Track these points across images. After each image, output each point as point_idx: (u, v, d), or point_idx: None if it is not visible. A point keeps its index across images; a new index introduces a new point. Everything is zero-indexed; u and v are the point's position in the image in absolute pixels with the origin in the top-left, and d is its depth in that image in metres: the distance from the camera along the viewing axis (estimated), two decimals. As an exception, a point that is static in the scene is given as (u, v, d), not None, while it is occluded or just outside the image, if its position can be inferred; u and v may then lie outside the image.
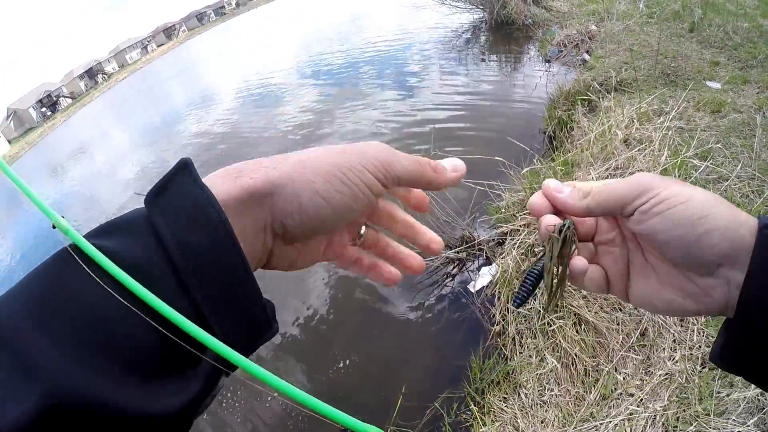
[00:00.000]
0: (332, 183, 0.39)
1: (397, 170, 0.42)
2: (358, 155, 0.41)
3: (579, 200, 0.46)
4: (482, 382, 2.46)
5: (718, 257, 0.40)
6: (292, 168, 0.39)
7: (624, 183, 0.44)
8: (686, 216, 0.40)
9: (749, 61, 4.49)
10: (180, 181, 0.36)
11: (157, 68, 43.33)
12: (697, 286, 0.42)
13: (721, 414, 1.76)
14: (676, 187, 0.42)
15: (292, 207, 0.38)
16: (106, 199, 9.37)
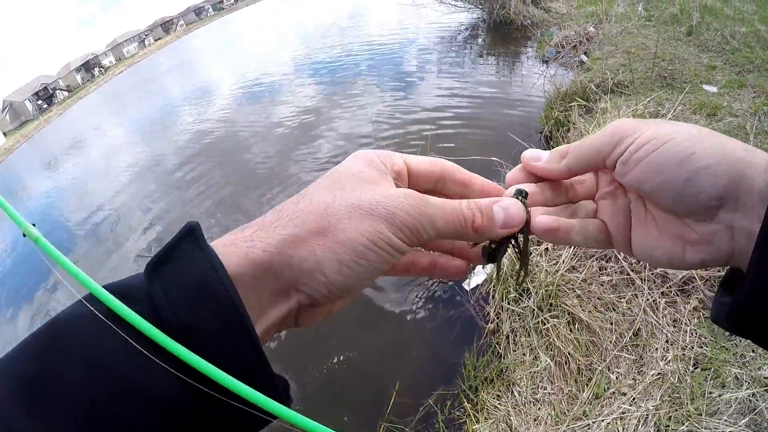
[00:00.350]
0: (359, 252, 0.36)
1: (427, 234, 0.39)
2: (385, 219, 0.37)
3: (558, 162, 0.44)
4: (476, 379, 2.46)
5: (714, 199, 0.35)
6: (311, 237, 0.36)
7: (600, 133, 0.41)
8: (669, 158, 0.36)
9: (746, 65, 4.51)
10: (186, 250, 0.33)
11: (155, 62, 43.09)
12: (696, 233, 0.38)
13: (713, 414, 1.77)
14: (654, 128, 0.38)
15: (316, 281, 0.35)
16: (99, 192, 9.31)
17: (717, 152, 0.35)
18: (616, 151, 0.40)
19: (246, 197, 6.09)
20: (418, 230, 0.38)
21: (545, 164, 0.45)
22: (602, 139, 0.41)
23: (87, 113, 30.68)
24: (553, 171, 0.44)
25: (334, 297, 0.37)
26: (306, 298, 0.36)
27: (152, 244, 5.97)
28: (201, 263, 0.32)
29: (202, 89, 15.78)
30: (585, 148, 0.42)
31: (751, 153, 0.35)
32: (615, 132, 0.40)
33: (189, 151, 8.97)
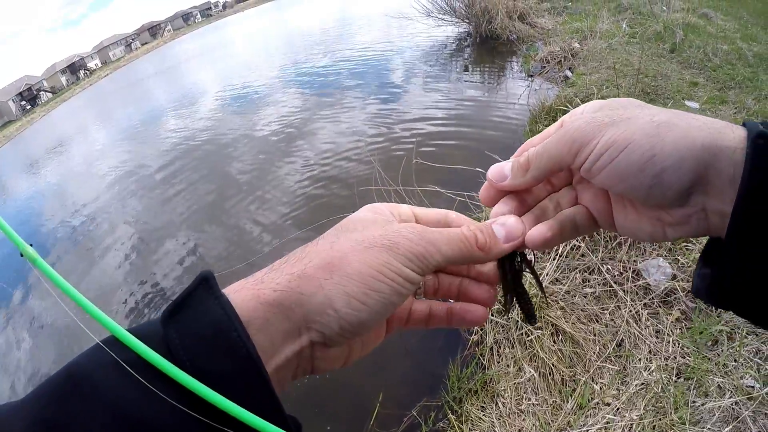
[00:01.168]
0: (367, 284, 0.36)
1: (434, 260, 0.39)
2: (389, 250, 0.38)
3: (523, 177, 0.44)
4: (460, 390, 2.45)
5: (682, 192, 0.36)
6: (318, 273, 0.36)
7: (556, 141, 0.41)
8: (630, 165, 0.37)
9: (727, 82, 4.61)
10: (200, 298, 0.33)
11: (141, 67, 42.83)
12: (671, 216, 0.39)
13: (696, 423, 1.79)
14: (611, 131, 0.37)
15: (328, 317, 0.35)
16: (82, 196, 9.18)
17: (680, 147, 0.35)
18: (577, 160, 0.40)
19: (227, 204, 6.05)
20: (423, 256, 0.39)
21: (512, 182, 0.45)
22: (561, 147, 0.41)
23: (71, 116, 30.32)
24: (521, 185, 0.45)
25: (348, 334, 0.36)
26: (318, 336, 0.36)
27: (134, 248, 5.89)
28: (215, 311, 0.32)
29: (187, 96, 15.67)
30: (546, 158, 0.42)
31: (718, 137, 0.35)
32: (574, 139, 0.40)
33: (171, 157, 8.89)
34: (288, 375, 0.37)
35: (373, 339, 0.44)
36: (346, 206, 4.27)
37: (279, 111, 9.34)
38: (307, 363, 0.38)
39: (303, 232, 4.49)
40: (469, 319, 0.47)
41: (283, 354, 0.35)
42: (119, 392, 0.29)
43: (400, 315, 0.46)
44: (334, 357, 0.40)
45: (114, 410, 0.28)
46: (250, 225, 5.31)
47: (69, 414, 0.28)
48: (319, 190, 5.53)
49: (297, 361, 0.36)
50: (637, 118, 0.37)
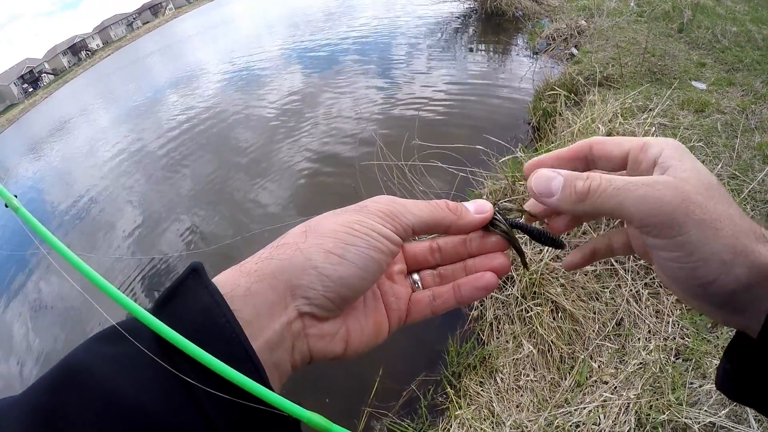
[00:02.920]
0: (342, 239, 0.37)
1: (407, 219, 0.40)
2: (358, 211, 0.40)
3: (574, 206, 0.39)
4: (459, 366, 2.47)
5: (721, 304, 0.36)
6: (294, 240, 0.38)
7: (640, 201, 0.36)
8: (690, 278, 0.36)
9: (735, 64, 4.54)
10: (190, 288, 0.34)
11: (143, 46, 42.54)
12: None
13: (694, 404, 1.79)
14: (694, 234, 0.35)
15: (309, 276, 0.36)
16: (85, 176, 9.21)
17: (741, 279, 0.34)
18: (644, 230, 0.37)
19: (230, 182, 6.05)
20: (394, 214, 0.40)
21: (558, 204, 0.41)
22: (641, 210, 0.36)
23: (73, 97, 30.28)
24: (567, 212, 0.43)
25: (332, 294, 0.36)
26: (304, 303, 0.36)
27: (137, 228, 5.92)
28: (204, 299, 0.33)
29: (189, 74, 15.64)
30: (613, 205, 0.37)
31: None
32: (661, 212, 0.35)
33: (174, 135, 8.89)
34: (285, 358, 0.36)
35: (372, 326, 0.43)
36: (348, 182, 4.26)
37: (281, 88, 9.31)
38: (302, 342, 0.37)
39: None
40: (481, 285, 0.44)
41: (271, 328, 0.34)
42: (114, 383, 0.29)
43: (399, 306, 0.45)
44: (329, 334, 0.38)
45: (109, 399, 0.29)
46: (252, 203, 5.32)
47: (65, 403, 0.28)
48: (322, 167, 5.54)
49: (290, 337, 0.36)
50: (720, 232, 0.35)
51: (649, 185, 0.36)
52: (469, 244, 0.46)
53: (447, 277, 0.46)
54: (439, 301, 0.45)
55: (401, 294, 0.45)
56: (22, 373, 4.30)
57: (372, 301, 0.44)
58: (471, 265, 0.46)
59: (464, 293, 0.45)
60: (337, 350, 0.39)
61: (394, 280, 0.46)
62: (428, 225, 0.42)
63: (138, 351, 0.31)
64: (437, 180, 3.59)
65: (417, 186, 3.30)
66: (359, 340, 0.41)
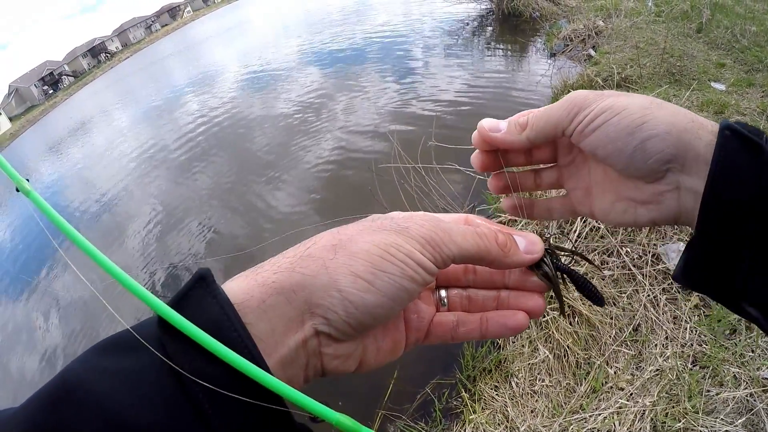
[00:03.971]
0: (375, 263, 0.34)
1: (449, 250, 0.37)
2: (398, 233, 0.36)
3: (518, 134, 0.45)
4: (474, 369, 2.46)
5: (661, 163, 0.39)
6: (321, 254, 0.35)
7: (558, 105, 0.43)
8: (622, 127, 0.39)
9: (755, 64, 4.46)
10: (197, 297, 0.32)
11: (161, 48, 43.02)
12: (645, 193, 0.42)
13: (710, 413, 1.77)
14: (611, 99, 0.41)
15: (332, 298, 0.33)
16: (104, 176, 9.35)
17: (666, 122, 0.38)
18: (574, 122, 0.42)
19: (247, 184, 6.09)
20: (436, 242, 0.36)
21: (506, 136, 0.46)
22: (561, 111, 0.43)
23: (93, 98, 30.72)
24: (514, 143, 0.46)
25: (354, 321, 0.34)
26: (322, 323, 0.34)
27: (155, 229, 5.99)
28: (212, 310, 0.31)
29: (207, 76, 15.74)
30: (545, 120, 0.44)
31: (698, 125, 0.39)
32: (574, 102, 0.42)
33: (192, 139, 8.97)
34: (299, 374, 0.35)
35: (388, 345, 0.41)
36: (365, 184, 4.27)
37: (298, 90, 9.35)
38: (316, 359, 0.35)
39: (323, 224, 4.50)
40: (512, 325, 0.42)
41: (286, 345, 0.33)
42: (114, 400, 0.28)
43: (419, 325, 0.42)
44: (344, 354, 0.37)
45: (109, 417, 0.27)
46: (269, 205, 5.35)
47: (61, 420, 0.27)
48: (339, 170, 5.55)
49: (305, 355, 0.34)
50: (637, 96, 0.41)
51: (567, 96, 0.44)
52: (507, 275, 0.44)
53: (476, 303, 0.44)
54: (462, 329, 0.43)
55: (425, 313, 0.43)
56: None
57: (393, 320, 0.41)
58: (504, 298, 0.43)
59: (492, 329, 0.42)
60: (350, 369, 0.38)
61: (420, 296, 0.42)
62: (472, 258, 0.38)
63: (139, 365, 0.29)
64: (455, 183, 3.58)
65: (434, 189, 3.30)
66: (374, 360, 0.40)
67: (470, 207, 3.48)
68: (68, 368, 0.30)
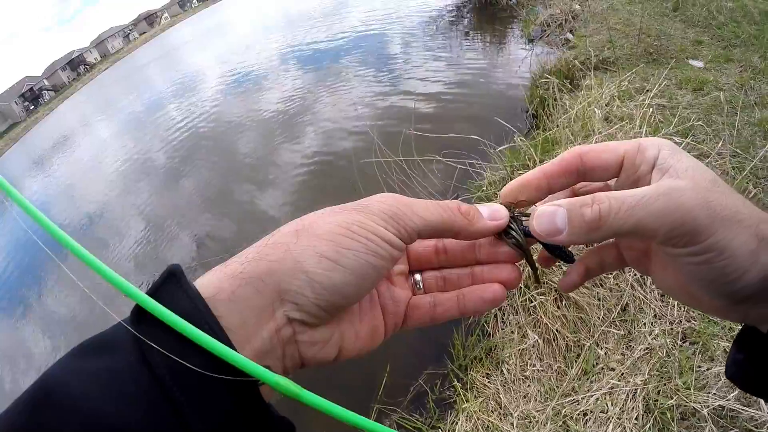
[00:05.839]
0: (338, 242, 0.34)
1: (413, 222, 0.36)
2: (359, 211, 0.36)
3: (588, 236, 0.35)
4: (465, 358, 2.47)
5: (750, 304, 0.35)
6: (285, 239, 0.34)
7: (658, 212, 0.33)
8: (720, 276, 0.34)
9: (732, 40, 4.49)
10: (167, 292, 0.31)
11: (140, 57, 42.72)
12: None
13: (702, 388, 1.77)
14: (722, 233, 0.33)
15: (298, 281, 0.33)
16: (89, 189, 9.29)
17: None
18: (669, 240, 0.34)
19: (232, 188, 6.07)
20: (399, 216, 0.36)
21: (569, 239, 0.36)
22: (659, 222, 0.33)
23: (74, 112, 30.53)
24: (581, 243, 0.38)
25: (323, 301, 0.34)
26: (293, 309, 0.33)
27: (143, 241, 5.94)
28: (183, 303, 0.31)
29: (187, 81, 15.71)
30: (632, 225, 0.34)
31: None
32: (684, 221, 0.33)
33: (176, 145, 8.92)
34: (276, 365, 0.34)
35: (366, 330, 0.40)
36: (347, 180, 4.26)
37: (279, 90, 9.34)
38: (292, 348, 0.35)
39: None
40: (488, 297, 0.41)
41: (259, 336, 0.32)
42: (92, 398, 0.28)
43: (396, 310, 0.42)
44: (321, 340, 0.36)
45: (86, 416, 0.27)
46: (254, 207, 5.34)
47: (41, 423, 0.27)
48: (321, 166, 5.56)
49: (280, 345, 0.34)
50: (743, 223, 0.34)
51: (665, 194, 0.34)
52: (478, 250, 0.43)
53: (452, 282, 0.43)
54: (440, 309, 0.42)
55: (400, 297, 0.42)
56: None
57: (368, 304, 0.41)
58: (478, 273, 0.43)
59: (469, 304, 0.42)
60: (329, 356, 0.37)
61: (393, 281, 0.43)
62: (436, 229, 0.38)
63: (116, 365, 0.29)
64: (437, 174, 3.57)
65: (416, 181, 3.29)
66: (353, 346, 0.39)
67: (454, 197, 3.47)
68: (47, 372, 0.29)
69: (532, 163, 3.03)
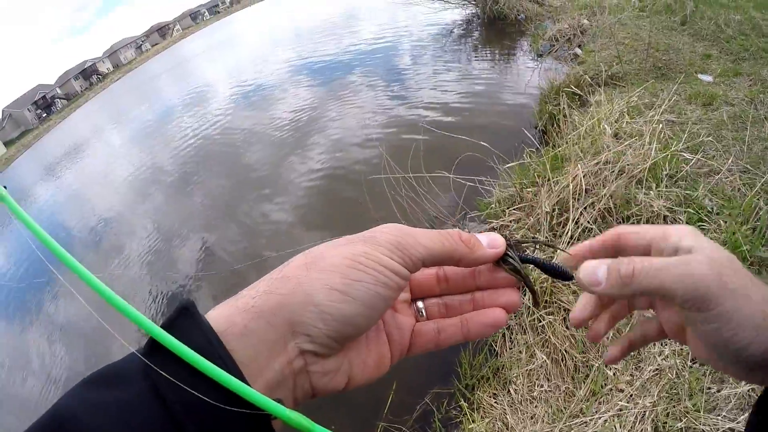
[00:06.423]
0: (346, 274, 0.35)
1: (417, 252, 0.38)
2: (366, 242, 0.37)
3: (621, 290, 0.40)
4: (472, 378, 2.45)
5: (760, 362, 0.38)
6: (295, 273, 0.36)
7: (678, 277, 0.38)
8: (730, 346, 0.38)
9: (741, 53, 4.48)
10: (181, 327, 0.32)
11: (152, 68, 43.17)
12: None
13: (711, 410, 1.74)
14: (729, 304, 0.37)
15: (310, 313, 0.34)
16: (100, 198, 9.36)
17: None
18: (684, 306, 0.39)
19: (241, 201, 6.08)
20: (404, 246, 0.38)
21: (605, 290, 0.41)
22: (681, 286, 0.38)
23: (86, 120, 30.83)
24: (616, 297, 0.44)
25: (334, 333, 0.35)
26: (305, 341, 0.34)
27: (152, 251, 5.96)
28: (197, 339, 0.31)
29: (199, 93, 15.82)
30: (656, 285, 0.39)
31: None
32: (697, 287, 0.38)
33: (187, 157, 8.98)
34: (287, 396, 0.35)
35: (374, 359, 0.42)
36: (357, 195, 4.26)
37: (289, 104, 9.37)
38: (303, 379, 0.36)
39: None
40: (489, 321, 0.44)
41: (271, 368, 0.33)
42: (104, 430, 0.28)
43: (401, 338, 0.43)
44: (332, 370, 0.37)
45: None
46: (263, 221, 5.34)
47: None
48: (331, 182, 5.55)
49: (292, 377, 0.35)
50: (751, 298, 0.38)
51: (685, 263, 0.38)
52: (478, 276, 0.45)
53: (453, 308, 0.45)
54: (444, 335, 0.44)
55: (404, 325, 0.44)
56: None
57: (374, 333, 0.42)
58: (479, 299, 0.45)
59: (472, 329, 0.44)
60: (339, 385, 0.38)
61: (397, 309, 0.44)
62: (439, 257, 0.40)
63: (127, 397, 0.30)
64: (445, 191, 3.57)
65: (425, 198, 3.28)
66: (361, 374, 0.40)
67: (462, 214, 3.46)
68: (59, 403, 0.30)
69: (542, 181, 3.02)
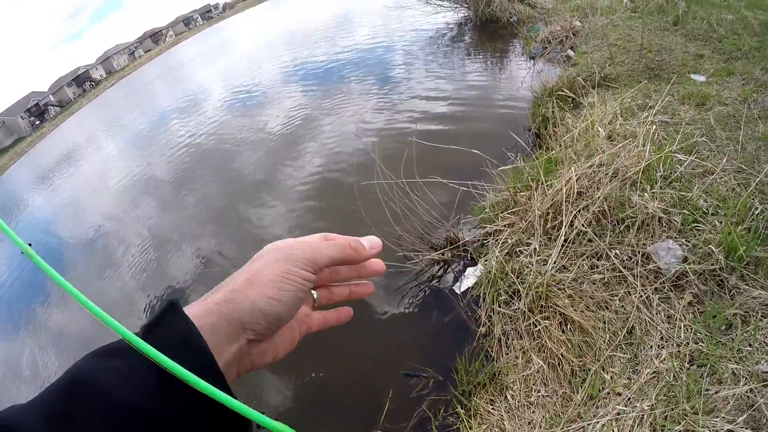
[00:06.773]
0: (278, 287, 0.48)
1: (322, 261, 0.53)
2: (287, 260, 0.50)
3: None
4: (468, 384, 2.43)
5: None
6: (243, 287, 0.48)
7: None
8: None
9: (734, 53, 4.49)
10: (170, 319, 0.43)
11: (145, 74, 43.09)
12: None
13: (710, 412, 1.73)
14: None
15: (255, 316, 0.47)
16: (94, 206, 9.30)
17: None
18: None
19: (235, 207, 6.06)
20: (314, 259, 0.52)
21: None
22: None
23: (79, 127, 30.74)
24: None
25: (272, 326, 0.49)
26: (252, 334, 0.47)
27: (146, 259, 5.93)
28: (182, 327, 0.42)
29: (192, 99, 15.78)
30: None
31: None
32: None
33: (179, 162, 8.96)
34: (234, 370, 0.47)
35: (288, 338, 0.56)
36: (349, 200, 4.24)
37: (282, 108, 9.35)
38: (246, 359, 0.49)
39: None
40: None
41: (229, 352, 0.46)
42: (115, 388, 0.37)
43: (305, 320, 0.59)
44: (264, 351, 0.51)
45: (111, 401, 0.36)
46: (257, 227, 5.32)
47: (76, 408, 0.35)
48: (323, 185, 5.55)
49: (239, 357, 0.47)
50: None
51: None
52: (360, 269, 0.63)
53: (337, 295, 0.63)
54: (327, 323, 0.62)
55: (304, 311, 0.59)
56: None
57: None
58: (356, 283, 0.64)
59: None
60: (268, 360, 0.53)
61: None
62: (338, 261, 0.55)
63: (131, 365, 0.38)
64: (439, 195, 3.55)
65: (418, 204, 3.26)
66: (282, 350, 0.54)
67: (456, 219, 3.44)
68: (75, 368, 0.39)
69: (536, 184, 3.01)
